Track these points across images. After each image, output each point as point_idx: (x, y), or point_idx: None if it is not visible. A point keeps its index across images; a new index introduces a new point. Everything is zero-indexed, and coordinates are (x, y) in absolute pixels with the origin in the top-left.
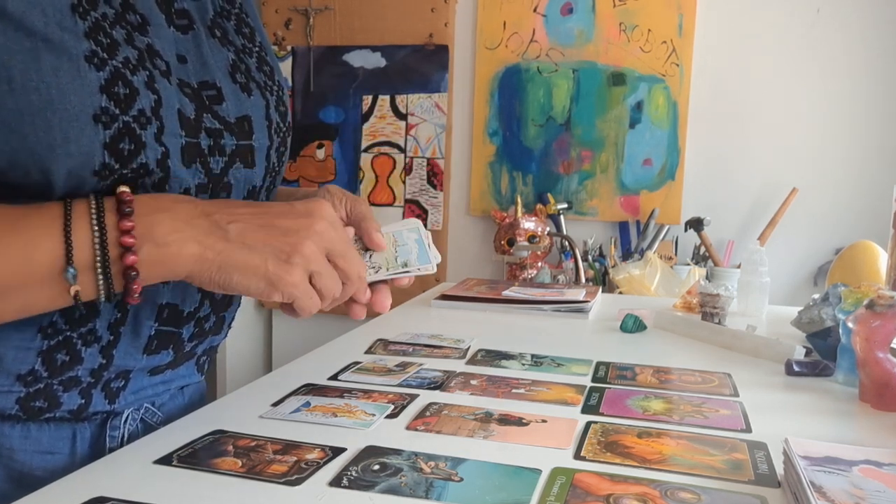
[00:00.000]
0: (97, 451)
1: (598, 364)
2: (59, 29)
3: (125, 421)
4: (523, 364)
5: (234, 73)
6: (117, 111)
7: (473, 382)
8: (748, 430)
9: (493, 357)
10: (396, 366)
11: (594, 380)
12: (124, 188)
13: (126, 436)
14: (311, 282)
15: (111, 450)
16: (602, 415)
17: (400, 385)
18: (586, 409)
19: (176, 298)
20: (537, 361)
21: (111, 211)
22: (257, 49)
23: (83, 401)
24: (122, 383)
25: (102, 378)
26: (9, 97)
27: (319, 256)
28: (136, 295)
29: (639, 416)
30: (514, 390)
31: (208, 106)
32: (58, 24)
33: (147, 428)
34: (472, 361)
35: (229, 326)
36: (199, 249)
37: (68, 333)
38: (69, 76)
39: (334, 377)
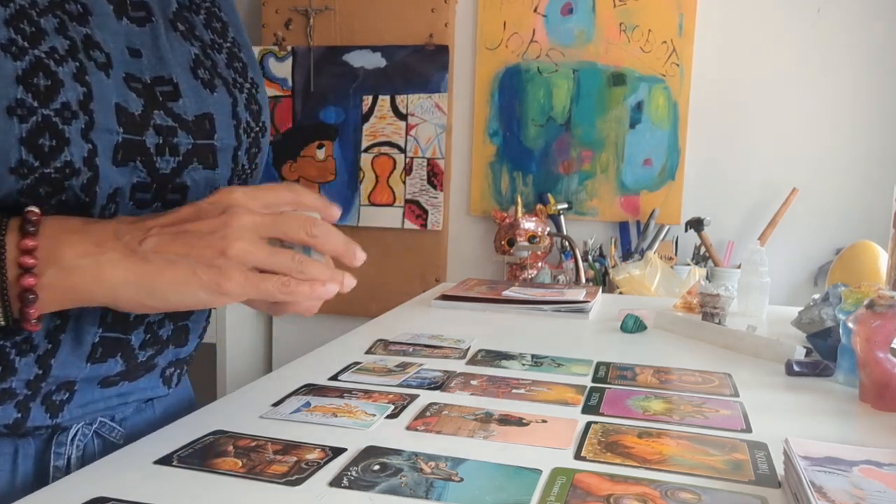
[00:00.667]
0: (41, 469)
1: (599, 364)
2: None
3: (73, 437)
4: (523, 364)
5: (197, 68)
6: (35, 104)
7: (474, 383)
8: (748, 430)
9: (494, 357)
10: (396, 366)
11: (594, 380)
12: (32, 208)
13: (74, 453)
14: (267, 272)
15: (57, 468)
16: (602, 415)
17: (400, 385)
18: (587, 410)
19: None
20: (537, 361)
21: (13, 230)
22: (228, 45)
23: (19, 415)
24: (66, 395)
25: (41, 390)
26: None
27: (254, 248)
28: (34, 321)
29: (639, 416)
30: (514, 390)
31: (161, 102)
32: None
33: (106, 444)
34: (472, 362)
35: (199, 338)
36: (119, 274)
37: (0, 343)
38: None
39: (334, 377)
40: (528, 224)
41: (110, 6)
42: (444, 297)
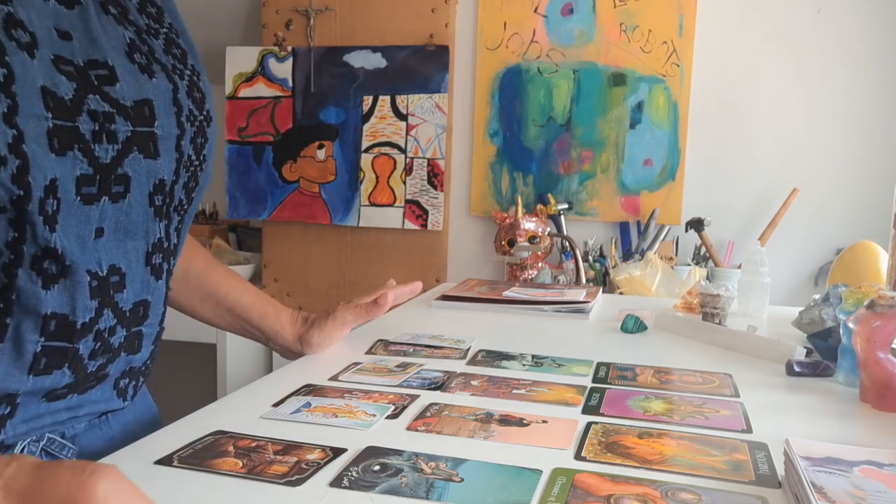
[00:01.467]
0: None
1: (599, 364)
2: None
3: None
4: (524, 364)
5: (132, 52)
6: None
7: (474, 383)
8: (748, 430)
9: (494, 358)
10: (397, 366)
11: (595, 380)
12: None
13: None
14: None
15: None
16: (603, 415)
17: (400, 385)
18: (587, 410)
19: (64, 308)
20: (538, 362)
21: None
22: (165, 30)
23: None
24: (8, 410)
25: None
26: None
27: None
28: None
29: (639, 416)
30: (514, 391)
31: (97, 86)
32: None
33: None
34: (472, 362)
35: (154, 345)
36: None
37: None
38: None
39: (335, 378)
40: (529, 224)
41: None
42: (445, 298)
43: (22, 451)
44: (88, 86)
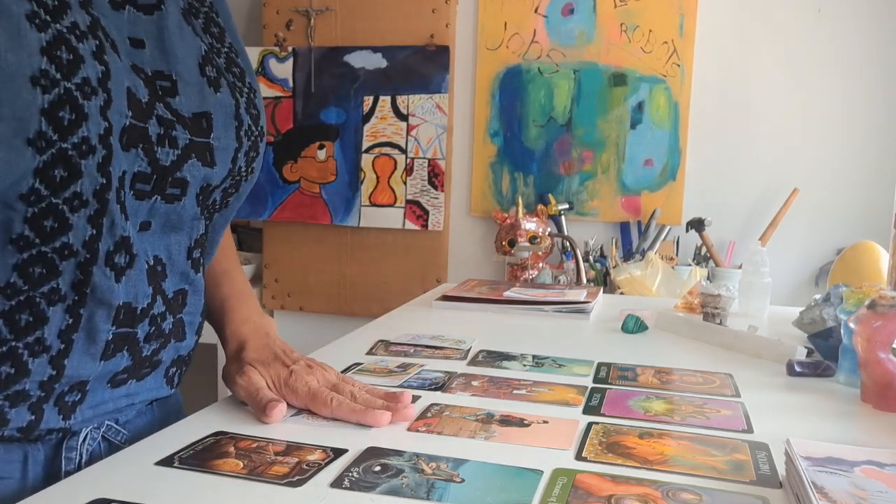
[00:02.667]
0: (52, 474)
1: (600, 365)
2: None
3: (83, 441)
4: (524, 365)
5: (205, 65)
6: (59, 76)
7: (475, 384)
8: (749, 430)
9: (495, 358)
10: (397, 367)
11: (595, 380)
12: None
13: (84, 457)
14: None
15: (67, 473)
16: (604, 415)
17: (401, 386)
18: (588, 410)
19: (129, 296)
20: (538, 362)
21: None
22: (226, 49)
23: (33, 417)
24: (79, 396)
25: (54, 391)
26: None
27: None
28: None
29: (640, 416)
30: (515, 391)
31: (161, 96)
32: None
33: (112, 448)
34: (473, 362)
35: (197, 334)
36: None
37: (13, 343)
38: (6, 33)
39: None
40: (529, 224)
41: None
42: (445, 298)
43: (85, 437)
44: (155, 94)
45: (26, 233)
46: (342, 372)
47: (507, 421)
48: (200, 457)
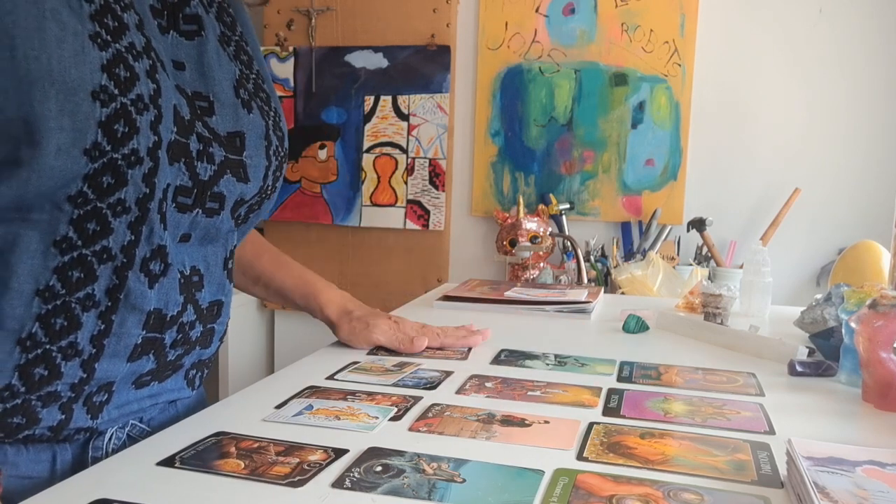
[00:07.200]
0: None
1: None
2: (66, 5)
3: (108, 440)
4: (547, 364)
5: (239, 87)
6: (116, 92)
7: (489, 385)
8: (771, 431)
9: (518, 357)
10: (394, 366)
11: (619, 379)
12: None
13: (110, 454)
14: None
15: None
16: (624, 417)
17: (396, 385)
18: (607, 412)
19: (161, 303)
20: (561, 361)
21: None
22: (254, 76)
23: (63, 416)
24: (105, 397)
25: (83, 392)
26: (9, 64)
27: None
28: None
29: (660, 418)
30: (529, 392)
31: (199, 115)
32: (66, 2)
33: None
34: (496, 361)
35: (220, 341)
36: None
37: (48, 347)
38: (72, 50)
39: (331, 377)
40: (530, 224)
41: (154, 22)
42: (446, 298)
43: (111, 437)
44: (195, 113)
45: (70, 234)
46: (340, 370)
47: (508, 421)
48: (202, 457)
